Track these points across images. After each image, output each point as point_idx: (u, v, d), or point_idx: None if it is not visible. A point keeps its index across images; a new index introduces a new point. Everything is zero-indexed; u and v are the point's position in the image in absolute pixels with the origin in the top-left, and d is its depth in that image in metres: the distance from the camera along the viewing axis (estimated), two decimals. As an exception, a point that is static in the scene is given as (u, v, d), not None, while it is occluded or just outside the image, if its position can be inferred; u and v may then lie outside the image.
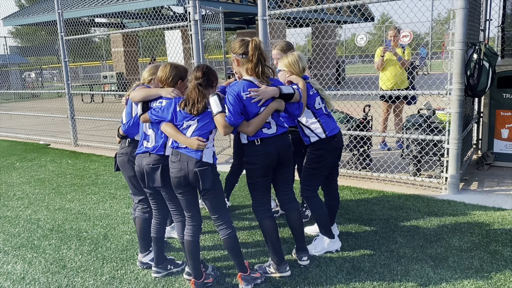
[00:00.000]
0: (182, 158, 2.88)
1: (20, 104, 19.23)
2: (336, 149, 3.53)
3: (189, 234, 3.06)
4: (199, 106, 2.86)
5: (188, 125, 2.92)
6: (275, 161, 3.06)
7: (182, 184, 2.91)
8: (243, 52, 3.00)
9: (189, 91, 2.93)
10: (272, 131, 3.05)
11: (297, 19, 6.51)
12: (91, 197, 5.29)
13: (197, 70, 2.96)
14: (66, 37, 8.09)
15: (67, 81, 8.26)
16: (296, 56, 3.41)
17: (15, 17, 17.85)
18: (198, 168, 2.85)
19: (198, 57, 6.38)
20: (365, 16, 20.31)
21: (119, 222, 4.43)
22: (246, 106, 2.94)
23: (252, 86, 2.98)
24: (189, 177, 2.87)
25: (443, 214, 4.27)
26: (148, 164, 3.07)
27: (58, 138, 9.19)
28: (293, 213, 3.30)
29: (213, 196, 2.95)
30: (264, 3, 5.63)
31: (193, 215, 3.06)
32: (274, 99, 3.03)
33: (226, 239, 3.04)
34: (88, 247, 3.86)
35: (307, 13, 14.92)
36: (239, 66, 3.07)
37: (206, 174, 2.87)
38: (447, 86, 4.69)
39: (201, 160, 2.87)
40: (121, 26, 20.85)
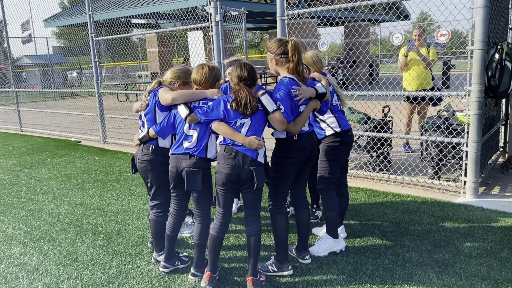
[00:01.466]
0: (238, 155, 2.90)
1: (59, 102, 20.02)
2: (349, 143, 3.63)
3: (216, 230, 3.09)
4: (253, 106, 2.87)
5: (242, 123, 2.93)
6: (307, 156, 3.16)
7: (233, 181, 2.93)
8: (282, 52, 3.04)
9: (237, 91, 2.91)
10: (306, 128, 3.16)
11: (327, 18, 6.47)
12: (111, 193, 5.47)
13: (241, 70, 2.93)
14: (96, 38, 8.37)
15: (97, 81, 8.56)
16: (316, 54, 3.54)
17: (55, 19, 18.60)
18: (253, 167, 2.90)
19: (219, 58, 6.45)
20: (397, 14, 19.84)
21: (133, 218, 4.56)
22: (292, 104, 3.03)
23: (296, 84, 3.06)
24: (241, 174, 2.90)
25: (457, 218, 4.15)
26: (189, 167, 3.05)
27: (89, 135, 9.53)
28: (304, 209, 3.36)
29: (258, 194, 3.03)
30: (283, 3, 5.63)
31: (227, 212, 3.10)
32: (311, 98, 3.14)
33: (253, 236, 3.05)
34: (101, 241, 4.01)
35: (336, 11, 14.79)
36: (278, 65, 3.11)
37: (260, 173, 2.94)
38: (466, 87, 4.55)
39: (256, 159, 2.93)
40: (156, 27, 21.33)
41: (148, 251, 3.76)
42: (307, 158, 3.18)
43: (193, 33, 6.88)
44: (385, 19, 19.89)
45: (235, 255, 3.64)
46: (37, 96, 22.07)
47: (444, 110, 5.16)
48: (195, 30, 6.89)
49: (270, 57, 3.13)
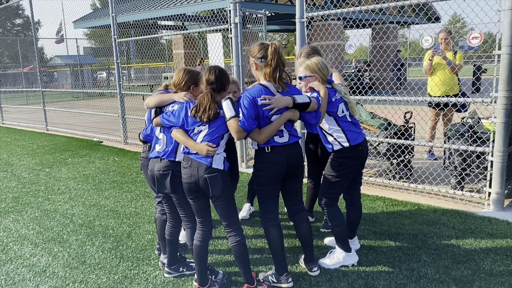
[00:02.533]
0: (193, 164, 2.86)
1: (87, 102, 20.41)
2: (360, 158, 3.38)
3: (198, 239, 3.06)
4: (210, 113, 2.81)
5: (199, 130, 2.89)
6: (284, 170, 2.99)
7: (193, 190, 2.90)
8: (262, 56, 2.93)
9: (200, 96, 2.87)
10: (284, 139, 2.98)
11: (353, 20, 6.32)
12: (126, 195, 5.47)
13: (209, 73, 2.89)
14: (118, 40, 8.45)
15: (119, 82, 8.63)
16: (321, 60, 3.31)
17: (84, 20, 18.99)
18: (207, 174, 2.82)
19: (237, 60, 6.38)
20: (427, 16, 19.35)
21: (145, 221, 4.53)
22: (260, 112, 2.89)
23: (267, 93, 2.92)
24: (199, 183, 2.85)
25: (479, 232, 3.94)
26: (159, 170, 3.08)
27: (111, 135, 9.63)
28: (302, 223, 3.21)
29: (223, 203, 2.91)
30: (302, 5, 5.51)
31: (204, 221, 3.05)
32: (288, 108, 2.96)
33: (234, 246, 2.99)
34: (110, 244, 3.99)
35: (363, 13, 14.53)
36: (257, 70, 3.01)
37: (216, 180, 2.84)
38: (492, 93, 4.32)
39: (211, 167, 2.84)
40: (182, 29, 21.52)
41: (155, 256, 3.70)
42: (286, 172, 3.00)
43: (212, 35, 6.83)
44: (415, 21, 19.41)
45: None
46: (66, 95, 22.58)
47: (469, 117, 4.93)
48: (214, 32, 6.84)
49: (251, 61, 3.02)
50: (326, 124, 3.33)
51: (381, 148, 5.47)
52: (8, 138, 10.50)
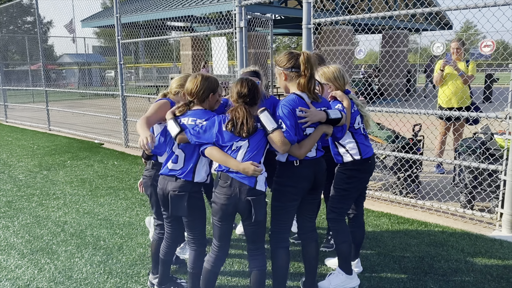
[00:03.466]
0: (234, 183, 2.59)
1: (93, 101, 20.35)
2: (369, 172, 3.25)
3: (211, 263, 2.78)
4: (249, 127, 2.55)
5: (238, 146, 2.61)
6: (310, 185, 2.83)
7: (229, 213, 2.64)
8: (293, 66, 2.74)
9: (234, 110, 2.62)
10: (312, 154, 2.81)
11: (362, 26, 6.12)
12: (121, 202, 5.29)
13: (241, 86, 2.65)
14: (122, 41, 8.30)
15: (121, 84, 8.48)
16: (338, 69, 3.16)
17: (93, 19, 18.93)
18: (251, 197, 2.58)
19: (242, 65, 6.19)
20: (440, 25, 19.04)
21: (138, 232, 4.34)
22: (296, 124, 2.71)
23: (302, 104, 2.72)
24: (238, 205, 2.60)
25: (490, 257, 3.70)
26: (174, 191, 2.75)
27: (112, 137, 9.47)
28: (312, 243, 3.03)
29: (259, 226, 2.69)
30: (309, 11, 5.31)
31: (223, 246, 2.77)
32: (321, 122, 2.79)
33: (256, 272, 2.75)
34: (100, 257, 3.80)
35: (373, 20, 14.27)
36: (287, 80, 2.80)
37: (260, 204, 2.62)
38: (507, 108, 4.09)
39: (255, 188, 2.60)
40: (191, 30, 21.41)
41: (145, 273, 3.51)
42: (311, 187, 2.84)
43: (216, 38, 6.66)
44: (426, 28, 19.12)
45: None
46: (73, 94, 22.54)
47: (481, 133, 4.69)
48: (219, 36, 6.67)
49: (279, 71, 2.82)
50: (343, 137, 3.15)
51: (387, 161, 5.25)
52: (10, 137, 10.39)
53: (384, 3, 16.53)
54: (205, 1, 13.91)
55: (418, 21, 18.79)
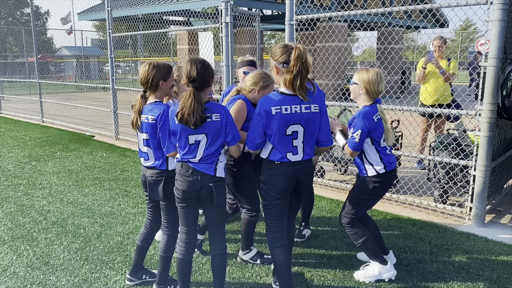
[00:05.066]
0: (195, 172, 2.68)
1: (90, 94, 20.43)
2: (390, 184, 3.32)
3: (182, 252, 2.85)
4: (197, 117, 2.54)
5: (196, 140, 2.66)
6: (293, 185, 2.79)
7: (192, 198, 2.73)
8: (285, 61, 2.64)
9: (183, 97, 2.58)
10: (297, 157, 2.74)
11: (354, 22, 6.21)
12: (105, 193, 5.40)
13: (190, 68, 2.58)
14: (113, 34, 8.39)
15: (112, 77, 8.58)
16: (377, 75, 3.11)
17: (90, 12, 18.97)
18: (213, 183, 2.69)
19: (228, 60, 6.29)
20: (440, 22, 19.09)
21: (118, 222, 4.46)
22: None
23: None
24: (201, 191, 2.70)
25: (455, 249, 3.82)
26: (152, 176, 2.95)
27: (104, 130, 9.58)
28: (286, 246, 2.91)
29: (219, 210, 2.80)
30: (292, 7, 5.41)
31: (190, 231, 2.85)
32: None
33: (217, 255, 2.85)
34: (78, 245, 3.92)
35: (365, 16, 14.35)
36: (278, 74, 2.73)
37: (221, 189, 2.75)
38: (477, 106, 4.20)
39: (215, 175, 2.71)
40: (188, 24, 21.47)
41: (120, 260, 3.63)
42: (295, 188, 2.82)
43: (203, 33, 6.75)
44: (420, 25, 19.17)
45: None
46: (70, 87, 22.62)
47: (454, 129, 4.80)
48: (205, 31, 6.76)
49: (272, 64, 2.74)
50: (369, 153, 3.19)
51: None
52: (3, 128, 10.50)
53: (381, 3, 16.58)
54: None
55: (415, 18, 18.83)
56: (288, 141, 2.69)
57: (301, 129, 2.68)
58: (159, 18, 20.47)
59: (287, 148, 2.70)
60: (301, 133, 2.69)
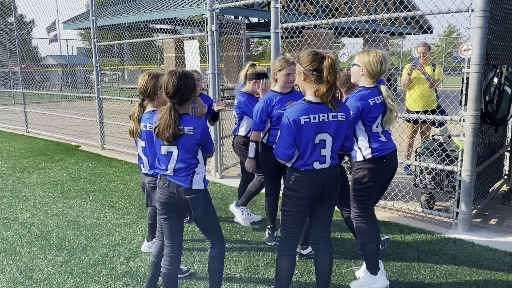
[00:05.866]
0: (171, 185, 2.67)
1: (76, 103, 20.23)
2: (385, 171, 3.17)
3: (167, 266, 2.81)
4: (170, 134, 2.52)
5: (169, 151, 2.64)
6: (319, 192, 2.72)
7: (170, 210, 2.71)
8: (315, 69, 2.59)
9: (161, 111, 2.59)
10: (324, 166, 2.70)
11: (344, 29, 6.26)
12: (91, 204, 5.33)
13: (167, 83, 2.54)
14: (98, 43, 8.33)
15: (97, 86, 8.50)
16: (379, 55, 3.01)
17: (75, 21, 18.86)
18: (188, 196, 2.65)
19: (214, 68, 6.28)
20: (424, 29, 19.36)
21: (104, 233, 4.40)
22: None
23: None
24: (179, 204, 2.68)
25: (443, 254, 3.84)
26: (149, 183, 3.12)
27: (89, 140, 9.48)
28: (325, 255, 2.86)
29: (205, 221, 2.77)
30: (277, 16, 5.43)
31: (174, 244, 2.81)
32: None
33: (214, 258, 2.85)
34: (63, 258, 3.85)
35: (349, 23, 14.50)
36: (305, 81, 2.66)
37: (198, 202, 2.68)
38: (461, 111, 4.24)
39: (191, 188, 2.66)
40: (174, 32, 21.45)
41: (106, 272, 3.57)
42: (321, 194, 2.74)
43: (189, 42, 6.73)
44: (405, 32, 19.42)
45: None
46: (55, 96, 22.37)
47: (439, 134, 4.84)
48: (191, 39, 6.74)
49: (299, 70, 2.67)
50: (358, 136, 3.12)
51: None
52: (-14, 139, 10.33)
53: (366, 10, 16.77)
54: (185, 4, 13.98)
55: (399, 25, 19.08)
56: (317, 149, 2.65)
57: (329, 137, 2.65)
58: (146, 26, 20.44)
59: (314, 157, 2.66)
60: (330, 142, 2.67)
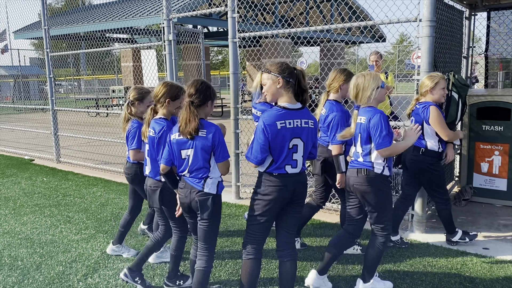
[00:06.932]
0: (187, 186, 2.92)
1: (30, 115, 19.49)
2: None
3: (194, 254, 3.15)
4: (191, 127, 2.78)
5: (187, 155, 2.89)
6: (289, 197, 2.80)
7: (186, 210, 3.02)
8: (291, 76, 2.76)
9: (181, 112, 2.88)
10: (295, 170, 2.79)
11: (301, 38, 6.37)
12: (46, 220, 5.14)
13: (190, 86, 2.87)
14: (51, 54, 8.09)
15: (51, 98, 8.24)
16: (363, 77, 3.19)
17: (26, 30, 18.22)
18: (199, 197, 2.88)
19: (172, 78, 6.23)
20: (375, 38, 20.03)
21: (60, 250, 4.25)
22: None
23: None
24: (191, 203, 2.93)
25: (399, 256, 3.96)
26: (150, 186, 3.31)
27: (43, 153, 9.14)
28: (290, 261, 2.89)
29: (207, 226, 2.93)
30: (234, 25, 5.47)
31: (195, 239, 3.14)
32: None
33: (200, 271, 2.95)
34: (15, 278, 3.68)
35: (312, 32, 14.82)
36: (282, 88, 2.76)
37: (206, 204, 2.88)
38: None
39: (203, 191, 2.88)
40: (132, 42, 21.13)
41: (62, 291, 3.45)
42: (289, 200, 2.82)
43: (146, 51, 6.66)
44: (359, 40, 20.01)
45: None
46: (8, 108, 21.47)
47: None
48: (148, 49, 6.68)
49: (274, 77, 2.75)
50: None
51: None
52: None
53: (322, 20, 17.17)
54: (142, 13, 13.83)
55: (354, 34, 19.64)
56: (290, 154, 2.74)
57: (301, 143, 2.76)
58: (102, 36, 20.03)
59: (287, 161, 2.75)
60: (301, 147, 2.77)
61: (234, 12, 5.42)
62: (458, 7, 5.52)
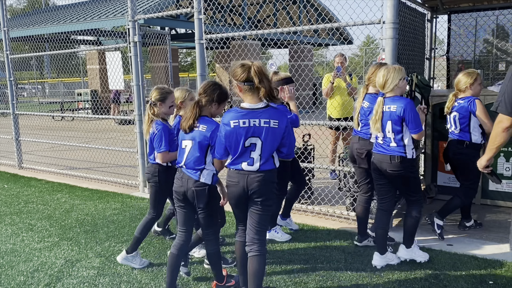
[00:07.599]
0: (184, 176, 3.10)
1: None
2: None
3: (176, 247, 3.24)
4: (188, 123, 3.01)
5: (186, 145, 3.10)
6: (244, 194, 2.90)
7: (181, 200, 3.14)
8: (246, 79, 2.80)
9: (188, 109, 3.12)
10: (252, 168, 2.87)
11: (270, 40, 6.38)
12: (7, 228, 4.94)
13: (202, 86, 3.10)
14: (11, 56, 7.81)
15: (12, 101, 7.96)
16: (391, 69, 3.54)
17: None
18: (195, 187, 3.04)
19: (138, 80, 6.13)
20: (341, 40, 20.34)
21: (21, 259, 4.09)
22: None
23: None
24: (187, 193, 3.08)
25: (368, 255, 4.00)
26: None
27: (4, 159, 8.81)
28: (258, 256, 2.93)
29: (206, 214, 3.13)
30: (201, 27, 5.43)
31: (184, 232, 3.25)
32: None
33: (210, 254, 3.30)
34: (-28, 290, 3.52)
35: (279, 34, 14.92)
36: (242, 92, 2.87)
37: (202, 194, 3.06)
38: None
39: (199, 181, 3.05)
40: (98, 44, 20.69)
41: (23, 302, 3.32)
42: (247, 197, 2.91)
43: (111, 53, 6.53)
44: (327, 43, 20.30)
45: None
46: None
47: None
48: (113, 51, 6.54)
49: (234, 84, 2.87)
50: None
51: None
52: None
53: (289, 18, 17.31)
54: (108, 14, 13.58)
55: (320, 36, 19.88)
56: (247, 152, 2.86)
57: (259, 142, 2.84)
58: (67, 38, 19.53)
59: (244, 159, 2.88)
60: (259, 146, 2.84)
61: (200, 14, 5.38)
62: (420, 10, 5.67)
